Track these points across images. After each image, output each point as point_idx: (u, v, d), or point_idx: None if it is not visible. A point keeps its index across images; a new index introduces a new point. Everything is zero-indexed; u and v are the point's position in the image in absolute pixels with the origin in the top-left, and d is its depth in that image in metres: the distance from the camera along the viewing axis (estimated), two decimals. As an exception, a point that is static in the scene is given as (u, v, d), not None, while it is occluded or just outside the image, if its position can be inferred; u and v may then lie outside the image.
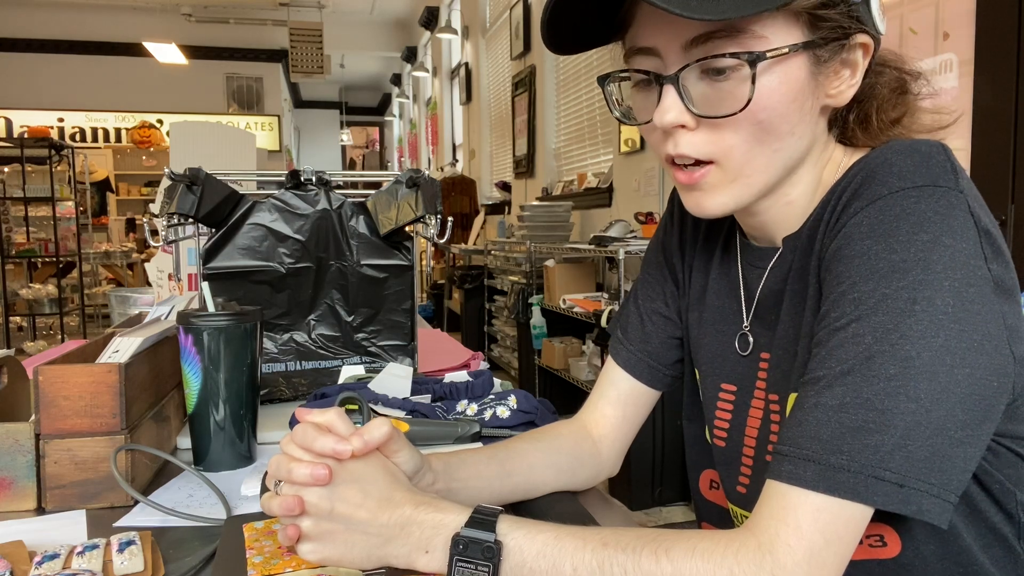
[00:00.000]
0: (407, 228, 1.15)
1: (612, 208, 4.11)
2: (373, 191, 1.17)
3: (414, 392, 1.02)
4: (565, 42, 0.63)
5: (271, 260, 1.10)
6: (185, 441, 0.90)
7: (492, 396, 0.98)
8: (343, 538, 0.55)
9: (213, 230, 1.09)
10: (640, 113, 0.63)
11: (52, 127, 9.48)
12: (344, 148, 15.06)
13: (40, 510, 0.73)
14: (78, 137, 9.87)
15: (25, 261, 6.85)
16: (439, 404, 0.97)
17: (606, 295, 3.56)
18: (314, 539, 0.56)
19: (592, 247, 3.23)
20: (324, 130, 14.42)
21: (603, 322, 2.97)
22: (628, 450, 0.83)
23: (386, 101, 14.78)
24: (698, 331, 0.76)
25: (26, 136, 7.05)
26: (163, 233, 1.06)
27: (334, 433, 0.57)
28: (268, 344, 1.11)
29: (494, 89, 6.91)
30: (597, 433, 0.81)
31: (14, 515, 0.72)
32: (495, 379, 1.08)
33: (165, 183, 1.07)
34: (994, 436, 0.56)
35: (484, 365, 1.30)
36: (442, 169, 8.55)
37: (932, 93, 0.66)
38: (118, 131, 10.07)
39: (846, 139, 0.66)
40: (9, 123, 9.50)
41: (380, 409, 0.92)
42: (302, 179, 1.12)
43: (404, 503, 0.56)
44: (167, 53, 9.12)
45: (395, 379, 1.02)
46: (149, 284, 1.63)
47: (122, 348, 0.83)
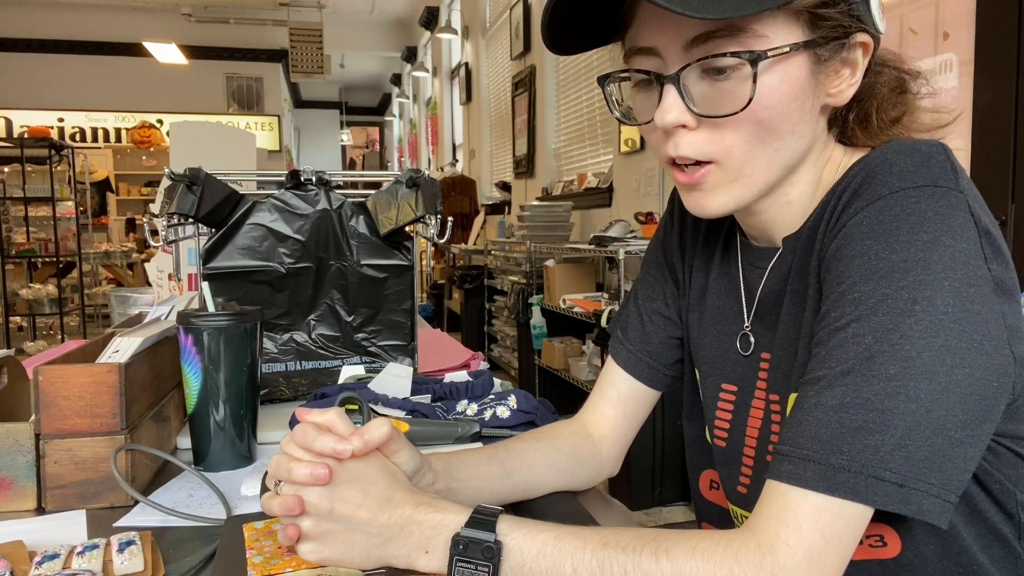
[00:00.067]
0: (407, 228, 1.15)
1: (612, 208, 4.11)
2: (373, 191, 1.17)
3: (414, 392, 1.02)
4: (565, 43, 0.63)
5: (271, 260, 1.10)
6: (185, 441, 0.90)
7: (492, 396, 0.98)
8: (343, 538, 0.55)
9: (213, 230, 1.09)
10: (640, 113, 0.63)
11: (52, 127, 9.48)
12: (344, 148, 15.06)
13: (40, 510, 0.73)
14: (78, 137, 9.87)
15: (25, 261, 6.85)
16: (439, 404, 0.97)
17: (606, 295, 3.56)
18: (314, 539, 0.56)
19: (592, 247, 3.23)
20: (324, 130, 14.42)
21: (603, 322, 2.97)
22: (628, 450, 0.83)
23: (386, 101, 14.78)
24: (698, 331, 0.76)
25: (26, 136, 7.05)
26: (163, 233, 1.06)
27: (334, 433, 0.57)
28: (268, 344, 1.11)
29: (494, 89, 6.91)
30: (597, 433, 0.81)
31: (14, 515, 0.72)
32: (495, 379, 1.08)
33: (165, 183, 1.07)
34: (994, 436, 0.56)
35: (484, 365, 1.30)
36: (442, 169, 8.55)
37: (931, 92, 0.66)
38: (118, 131, 10.07)
39: (846, 139, 0.66)
40: (9, 123, 9.50)
41: (380, 409, 0.92)
42: (302, 179, 1.12)
43: (404, 503, 0.56)
44: (167, 53, 9.12)
45: (395, 379, 1.02)
46: (149, 284, 1.63)
47: (122, 348, 0.83)
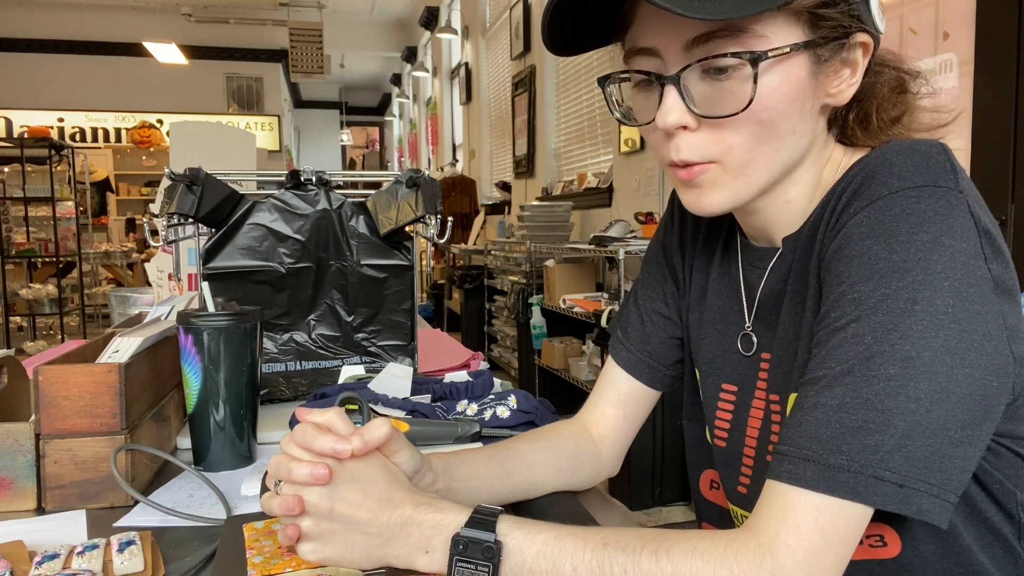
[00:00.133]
0: (407, 228, 1.15)
1: (612, 208, 4.11)
2: (373, 191, 1.17)
3: (414, 392, 1.02)
4: (566, 43, 0.63)
5: (271, 260, 1.10)
6: (185, 441, 0.90)
7: (492, 396, 0.98)
8: (343, 538, 0.55)
9: (213, 230, 1.09)
10: (641, 114, 0.63)
11: (52, 127, 9.48)
12: (344, 148, 15.06)
13: (40, 510, 0.73)
14: (78, 137, 9.87)
15: (25, 261, 6.85)
16: (439, 404, 0.97)
17: (606, 295, 3.56)
18: (314, 539, 0.56)
19: (592, 247, 3.23)
20: (324, 130, 14.42)
21: (603, 322, 2.97)
22: (628, 450, 0.83)
23: (386, 101, 14.78)
24: (699, 331, 0.76)
25: (26, 136, 7.05)
26: (163, 233, 1.06)
27: (334, 433, 0.57)
28: (268, 344, 1.11)
29: (494, 89, 6.91)
30: (597, 433, 0.81)
31: (14, 515, 0.72)
32: (495, 379, 1.08)
33: (165, 183, 1.07)
34: (994, 436, 0.56)
35: (484, 365, 1.30)
36: (442, 169, 8.55)
37: (931, 92, 0.66)
38: (118, 131, 10.07)
39: (846, 139, 0.65)
40: (9, 123, 9.50)
41: (380, 409, 0.92)
42: (302, 179, 1.12)
43: (404, 503, 0.56)
44: (167, 53, 9.12)
45: (395, 379, 1.02)
46: (149, 284, 1.63)
47: (122, 348, 0.83)
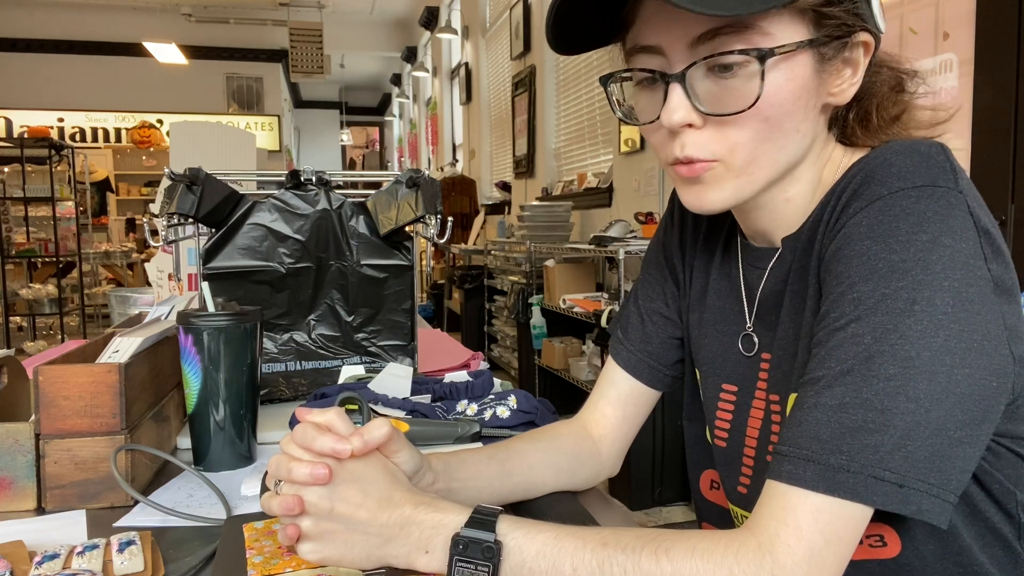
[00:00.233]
0: (407, 228, 1.15)
1: (612, 208, 4.11)
2: (373, 191, 1.17)
3: (414, 392, 1.02)
4: (569, 42, 0.62)
5: (271, 260, 1.10)
6: (185, 441, 0.90)
7: (492, 396, 0.98)
8: (343, 538, 0.55)
9: (213, 230, 1.09)
10: (643, 113, 0.62)
11: (52, 127, 9.48)
12: (344, 148, 15.06)
13: (40, 510, 0.73)
14: (78, 137, 9.87)
15: (25, 261, 6.85)
16: (439, 404, 0.97)
17: (606, 295, 3.56)
18: (314, 539, 0.56)
19: (592, 247, 3.23)
20: (324, 130, 14.42)
21: (603, 322, 2.97)
22: (628, 450, 0.83)
23: (386, 101, 14.78)
24: (699, 331, 0.76)
25: (26, 136, 7.05)
26: (163, 233, 1.06)
27: (334, 433, 0.57)
28: (268, 344, 1.11)
29: (494, 89, 6.91)
30: (597, 433, 0.81)
31: (14, 515, 0.72)
32: (495, 379, 1.08)
33: (165, 183, 1.07)
34: (994, 436, 0.56)
35: (484, 365, 1.30)
36: (442, 169, 8.55)
37: (928, 91, 0.66)
38: (118, 131, 10.07)
39: (846, 138, 0.66)
40: (9, 123, 9.50)
41: (380, 409, 0.92)
42: (302, 179, 1.12)
43: (404, 503, 0.56)
44: (167, 53, 9.12)
45: (395, 379, 1.02)
46: (149, 284, 1.63)
47: (122, 348, 0.83)
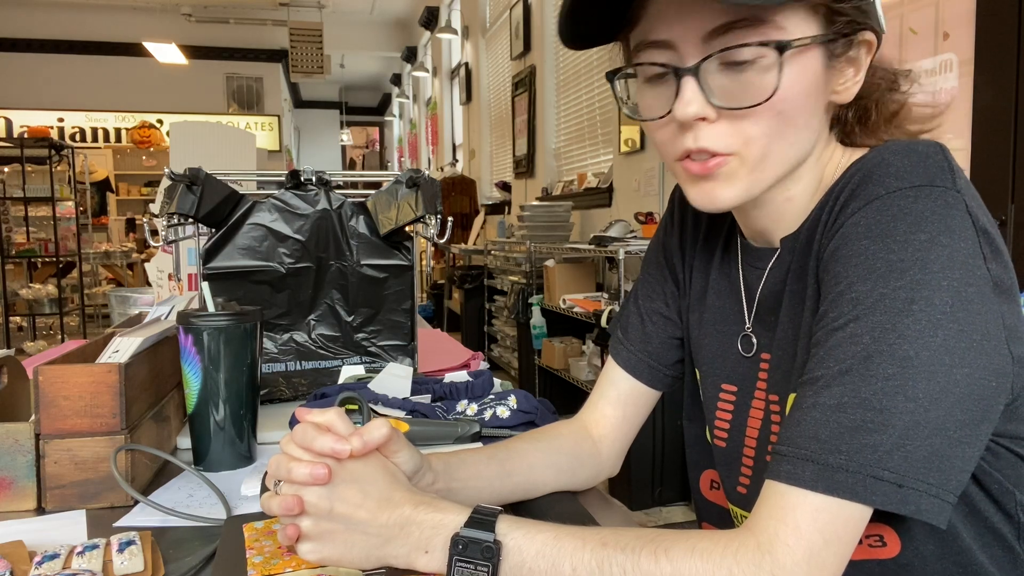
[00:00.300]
0: (407, 228, 1.15)
1: (612, 208, 4.11)
2: (373, 191, 1.17)
3: (414, 392, 1.02)
4: (581, 37, 0.62)
5: (271, 260, 1.10)
6: (185, 441, 0.91)
7: (492, 396, 0.98)
8: (343, 538, 0.55)
9: (213, 230, 1.09)
10: (650, 109, 0.61)
11: (52, 127, 9.48)
12: (344, 148, 15.06)
13: (40, 510, 0.73)
14: (78, 137, 9.87)
15: (25, 261, 6.85)
16: (439, 404, 0.97)
17: (606, 295, 3.56)
18: (314, 539, 0.56)
19: (592, 247, 3.23)
20: (324, 130, 14.42)
21: (603, 322, 2.97)
22: (628, 450, 0.83)
23: (386, 101, 14.78)
24: (699, 331, 0.76)
25: (26, 136, 7.05)
26: (163, 233, 1.06)
27: (333, 433, 0.57)
28: (268, 344, 1.11)
29: (494, 89, 6.91)
30: (597, 433, 0.81)
31: (14, 515, 0.72)
32: (495, 379, 1.08)
33: (165, 183, 1.07)
34: (993, 436, 0.56)
35: (484, 365, 1.30)
36: (442, 169, 8.55)
37: (920, 90, 0.67)
38: (118, 131, 10.07)
39: (845, 137, 0.66)
40: (9, 123, 9.50)
41: (380, 409, 0.92)
42: (302, 179, 1.12)
43: (403, 503, 0.56)
44: (167, 53, 9.12)
45: (395, 379, 1.02)
46: (149, 284, 1.63)
47: (122, 348, 0.83)
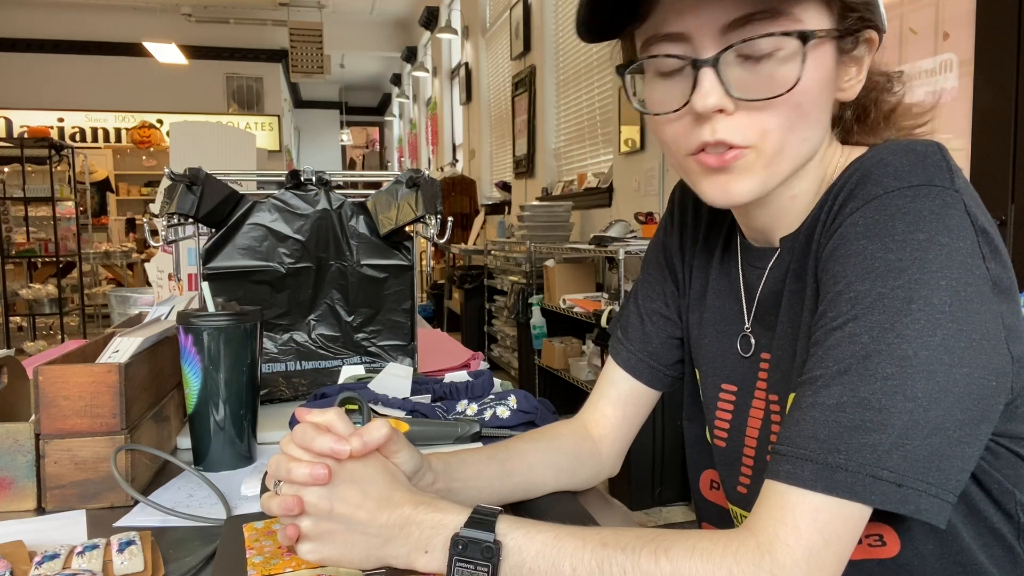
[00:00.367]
0: (407, 228, 1.15)
1: (612, 208, 4.11)
2: (373, 191, 1.17)
3: (414, 392, 1.02)
4: (597, 30, 0.61)
5: (271, 260, 1.10)
6: (185, 441, 0.91)
7: (492, 396, 0.98)
8: (342, 538, 0.55)
9: (213, 230, 1.09)
10: (662, 103, 0.60)
11: (52, 127, 9.48)
12: (344, 148, 15.05)
13: (40, 510, 0.73)
14: (78, 137, 9.87)
15: (25, 261, 6.85)
16: (439, 404, 0.97)
17: (606, 295, 3.56)
18: (313, 539, 0.56)
19: (592, 247, 3.23)
20: (324, 130, 14.42)
21: (603, 322, 2.97)
22: (628, 450, 0.83)
23: (386, 101, 14.78)
24: (699, 331, 0.76)
25: (26, 136, 7.05)
26: (163, 233, 1.06)
27: (333, 433, 0.57)
28: (268, 344, 1.11)
29: (494, 89, 6.91)
30: (597, 433, 0.81)
31: (14, 515, 0.72)
32: (495, 379, 1.08)
33: (165, 183, 1.07)
34: (993, 436, 0.57)
35: (484, 365, 1.31)
36: (442, 169, 8.55)
37: (912, 90, 0.67)
38: (118, 131, 10.07)
39: (844, 136, 0.66)
40: (9, 123, 9.50)
41: (380, 409, 0.92)
42: (302, 179, 1.12)
43: (403, 503, 0.56)
44: (167, 53, 9.11)
45: (395, 379, 1.02)
46: (149, 284, 1.63)
47: (122, 348, 0.83)
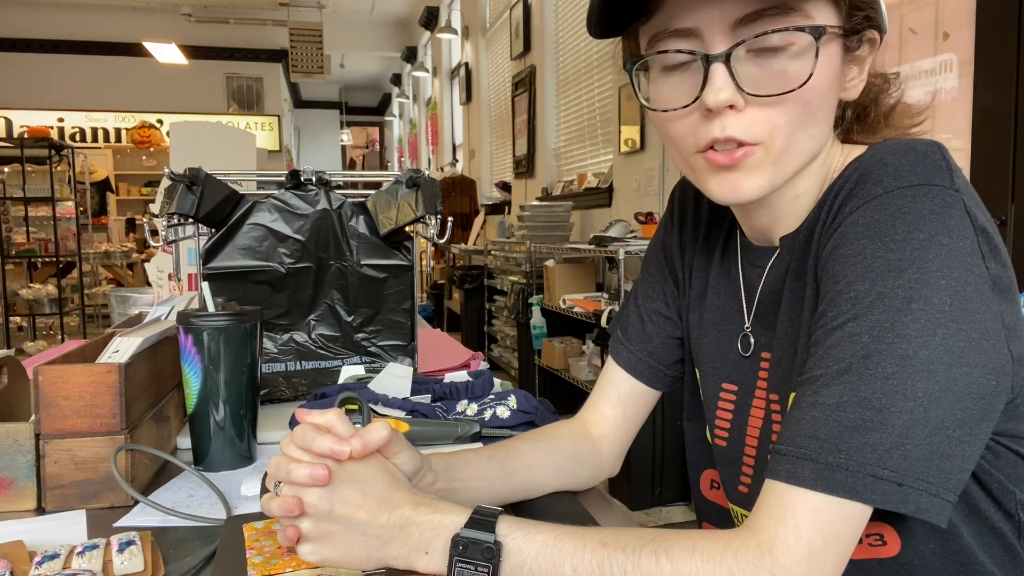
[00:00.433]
0: (407, 228, 1.15)
1: (612, 208, 4.11)
2: (373, 191, 1.17)
3: (414, 392, 1.02)
4: (607, 26, 0.61)
5: (271, 260, 1.10)
6: (185, 441, 0.91)
7: (492, 396, 0.98)
8: (342, 539, 0.55)
9: (213, 230, 1.09)
10: (668, 100, 0.60)
11: (52, 127, 9.48)
12: (344, 148, 15.05)
13: (40, 510, 0.73)
14: (78, 137, 9.87)
15: (25, 261, 6.85)
16: (439, 404, 0.97)
17: (606, 295, 3.56)
18: (313, 540, 0.55)
19: (592, 247, 3.23)
20: (324, 130, 14.42)
21: (603, 322, 2.97)
22: (628, 450, 0.83)
23: (386, 101, 14.78)
24: (699, 331, 0.76)
25: (26, 136, 7.05)
26: (163, 233, 1.06)
27: (333, 434, 0.57)
28: (268, 344, 1.11)
29: (494, 89, 6.91)
30: (597, 433, 0.81)
31: (14, 515, 0.72)
32: (495, 379, 1.08)
33: (165, 183, 1.07)
34: (993, 435, 0.57)
35: (484, 365, 1.30)
36: (442, 169, 8.55)
37: (910, 91, 0.68)
38: (118, 131, 10.07)
39: (844, 136, 0.66)
40: (9, 123, 9.50)
41: (380, 409, 0.92)
42: (302, 179, 1.12)
43: (403, 504, 0.55)
44: (167, 53, 9.11)
45: (395, 379, 1.02)
46: (149, 284, 1.63)
47: (122, 348, 0.83)
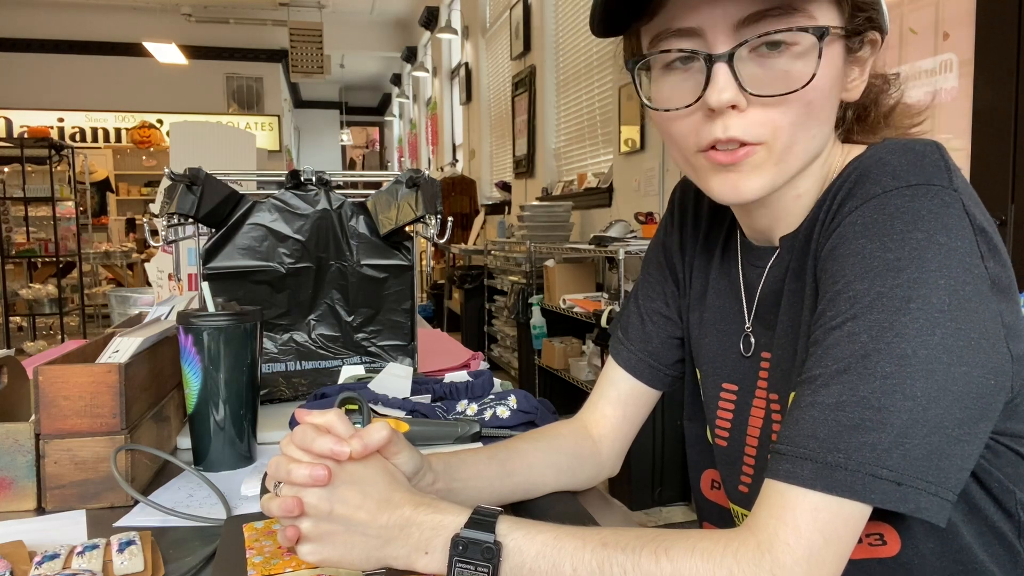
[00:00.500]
0: (407, 228, 1.15)
1: (612, 208, 4.11)
2: (373, 191, 1.17)
3: (414, 392, 1.02)
4: (609, 26, 0.60)
5: (271, 260, 1.10)
6: (185, 441, 0.91)
7: (492, 396, 0.98)
8: (342, 539, 0.55)
9: (213, 230, 1.09)
10: (669, 99, 0.60)
11: (52, 127, 9.48)
12: (344, 148, 15.05)
13: (40, 510, 0.73)
14: (78, 137, 9.87)
15: (25, 261, 6.85)
16: (439, 404, 0.97)
17: (606, 295, 3.56)
18: (313, 540, 0.55)
19: (592, 247, 3.23)
20: (324, 130, 14.42)
21: (603, 322, 2.97)
22: (628, 450, 0.83)
23: (386, 101, 14.78)
24: (699, 331, 0.76)
25: (26, 136, 7.05)
26: (163, 233, 1.06)
27: (333, 434, 0.57)
28: (268, 344, 1.11)
29: (494, 89, 6.91)
30: (597, 433, 0.81)
31: (14, 515, 0.72)
32: (495, 379, 1.08)
33: (165, 183, 1.07)
34: (993, 434, 0.57)
35: (484, 365, 1.31)
36: (442, 169, 8.55)
37: (909, 91, 0.68)
38: (118, 131, 10.07)
39: (844, 136, 0.66)
40: (9, 123, 9.50)
41: (380, 409, 0.92)
42: (302, 179, 1.12)
43: (403, 504, 0.55)
44: (167, 53, 9.11)
45: (395, 379, 1.02)
46: (149, 284, 1.63)
47: (122, 348, 0.83)
